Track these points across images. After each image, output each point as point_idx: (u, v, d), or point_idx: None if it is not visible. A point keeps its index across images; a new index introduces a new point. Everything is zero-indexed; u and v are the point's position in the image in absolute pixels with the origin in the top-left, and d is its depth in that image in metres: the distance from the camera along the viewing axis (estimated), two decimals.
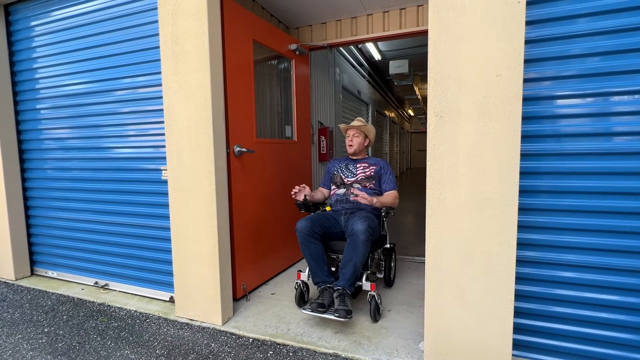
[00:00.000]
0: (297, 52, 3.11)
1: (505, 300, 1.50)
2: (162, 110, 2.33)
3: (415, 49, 6.44)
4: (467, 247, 1.54)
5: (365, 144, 2.54)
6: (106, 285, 2.71)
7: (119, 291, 2.65)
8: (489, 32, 1.44)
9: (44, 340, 2.00)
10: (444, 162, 1.55)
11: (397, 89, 10.31)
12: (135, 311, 2.34)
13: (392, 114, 12.21)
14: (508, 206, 1.46)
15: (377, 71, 7.98)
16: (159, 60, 2.31)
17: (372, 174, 2.44)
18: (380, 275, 2.59)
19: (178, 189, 2.15)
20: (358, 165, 2.50)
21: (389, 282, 2.63)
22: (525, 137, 1.54)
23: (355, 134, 2.47)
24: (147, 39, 2.36)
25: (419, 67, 7.69)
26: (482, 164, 1.49)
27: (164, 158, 2.37)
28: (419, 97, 10.84)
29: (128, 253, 2.60)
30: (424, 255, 3.37)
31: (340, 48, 5.28)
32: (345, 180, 2.49)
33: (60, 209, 2.85)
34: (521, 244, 1.59)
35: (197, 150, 2.06)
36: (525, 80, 1.52)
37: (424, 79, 8.89)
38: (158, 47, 2.30)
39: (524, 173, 1.56)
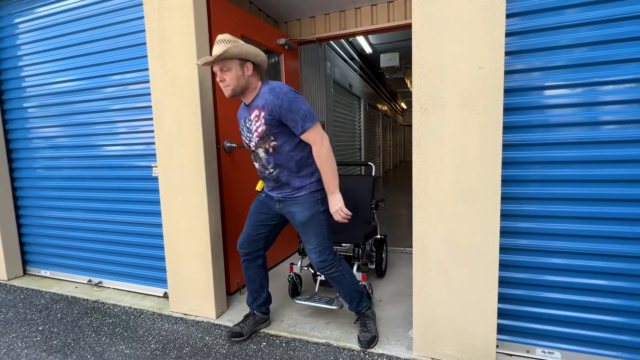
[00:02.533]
0: (286, 47, 3.11)
1: (489, 286, 1.55)
2: (152, 107, 2.33)
3: (406, 42, 6.46)
4: (453, 236, 1.59)
5: (249, 73, 1.65)
6: (100, 282, 2.72)
7: (113, 288, 2.66)
8: (470, 25, 1.47)
9: (39, 338, 2.01)
10: (429, 154, 1.58)
11: (389, 82, 10.33)
12: (130, 307, 2.35)
13: (385, 108, 12.24)
14: (491, 195, 1.50)
15: (368, 64, 7.99)
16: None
17: (264, 129, 1.64)
18: (372, 266, 2.63)
19: (169, 186, 2.16)
20: (253, 116, 1.68)
21: (380, 273, 2.67)
22: (515, 128, 1.57)
23: (223, 68, 1.61)
24: (136, 35, 2.34)
25: (410, 60, 7.71)
26: (465, 155, 1.53)
27: (155, 155, 2.37)
28: (411, 90, 10.87)
29: (121, 250, 2.61)
30: None
31: (331, 42, 5.27)
32: (251, 145, 1.75)
33: (51, 207, 2.84)
34: (510, 232, 1.63)
35: (187, 147, 2.07)
36: (514, 72, 1.55)
37: None
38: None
39: (513, 163, 1.59)
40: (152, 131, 2.36)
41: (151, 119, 2.35)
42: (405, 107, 17.54)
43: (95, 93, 2.54)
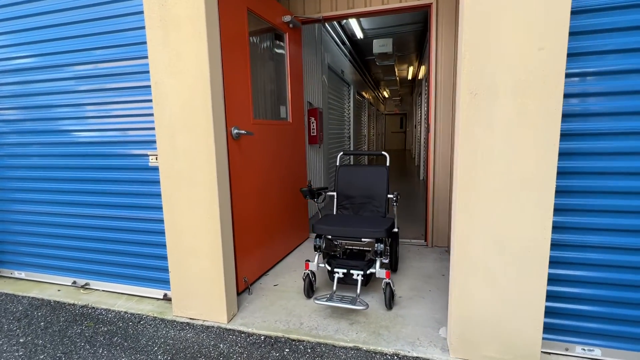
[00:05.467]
0: (290, 25, 2.86)
1: (538, 285, 1.46)
2: (148, 86, 2.05)
3: (399, 28, 6.30)
4: (500, 232, 1.48)
5: None
6: (87, 284, 2.43)
7: (103, 290, 2.39)
8: None
9: (21, 353, 1.75)
10: (477, 145, 1.45)
11: (375, 69, 10.17)
12: (126, 312, 2.11)
13: (369, 96, 12.11)
14: (545, 189, 1.40)
15: (357, 50, 7.78)
16: (137, 28, 2.00)
17: None
18: (386, 261, 2.52)
19: (172, 176, 1.91)
20: None
21: (394, 267, 2.57)
22: (572, 116, 1.46)
23: None
24: (121, 4, 2.03)
25: (401, 48, 7.57)
26: (518, 146, 1.41)
27: (151, 141, 2.10)
28: (397, 78, 10.79)
29: (112, 248, 2.33)
30: (420, 239, 3.34)
31: (326, 24, 5.02)
32: None
33: (24, 201, 2.49)
34: (558, 227, 1.54)
35: (194, 132, 1.82)
36: (576, 55, 1.42)
37: (402, 59, 8.80)
38: (135, 12, 1.99)
39: (569, 154, 1.49)
40: (148, 115, 2.08)
41: (149, 100, 2.07)
42: (387, 95, 17.51)
43: (78, 70, 2.20)
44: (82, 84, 2.19)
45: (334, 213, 2.57)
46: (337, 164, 2.66)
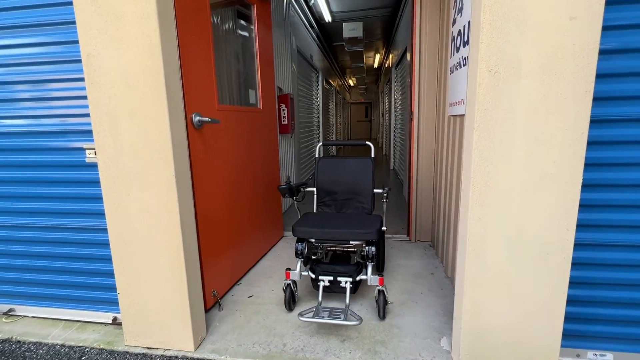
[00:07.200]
0: None
1: (559, 291, 1.30)
2: (79, 60, 1.61)
3: (369, 12, 6.04)
4: (518, 235, 1.28)
5: None
6: (11, 310, 1.95)
7: (33, 317, 1.93)
8: None
9: None
10: (496, 132, 1.23)
11: (342, 56, 9.90)
12: (62, 346, 1.69)
13: (336, 84, 11.85)
14: (570, 184, 1.22)
15: (325, 35, 7.45)
16: None
17: None
18: (374, 263, 2.30)
19: (114, 176, 1.51)
20: None
21: (381, 267, 2.35)
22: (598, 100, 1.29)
23: None
24: None
25: (371, 33, 7.33)
26: (542, 134, 1.20)
27: (89, 132, 1.67)
28: (365, 65, 10.61)
29: (44, 265, 1.87)
30: (402, 233, 3.17)
31: (294, 3, 4.63)
32: None
33: None
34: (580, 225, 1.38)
35: (143, 119, 1.43)
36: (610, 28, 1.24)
37: (368, 46, 8.59)
38: None
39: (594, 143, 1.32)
40: (81, 97, 1.64)
41: (75, 79, 1.63)
42: (352, 84, 17.35)
43: None
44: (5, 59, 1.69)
45: (314, 211, 2.29)
46: (317, 155, 2.37)
